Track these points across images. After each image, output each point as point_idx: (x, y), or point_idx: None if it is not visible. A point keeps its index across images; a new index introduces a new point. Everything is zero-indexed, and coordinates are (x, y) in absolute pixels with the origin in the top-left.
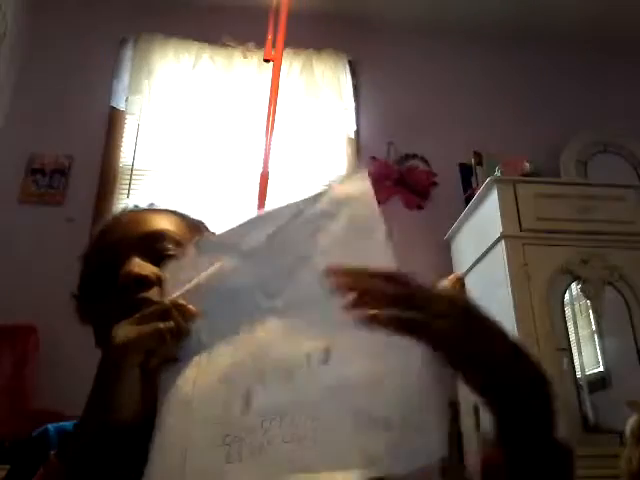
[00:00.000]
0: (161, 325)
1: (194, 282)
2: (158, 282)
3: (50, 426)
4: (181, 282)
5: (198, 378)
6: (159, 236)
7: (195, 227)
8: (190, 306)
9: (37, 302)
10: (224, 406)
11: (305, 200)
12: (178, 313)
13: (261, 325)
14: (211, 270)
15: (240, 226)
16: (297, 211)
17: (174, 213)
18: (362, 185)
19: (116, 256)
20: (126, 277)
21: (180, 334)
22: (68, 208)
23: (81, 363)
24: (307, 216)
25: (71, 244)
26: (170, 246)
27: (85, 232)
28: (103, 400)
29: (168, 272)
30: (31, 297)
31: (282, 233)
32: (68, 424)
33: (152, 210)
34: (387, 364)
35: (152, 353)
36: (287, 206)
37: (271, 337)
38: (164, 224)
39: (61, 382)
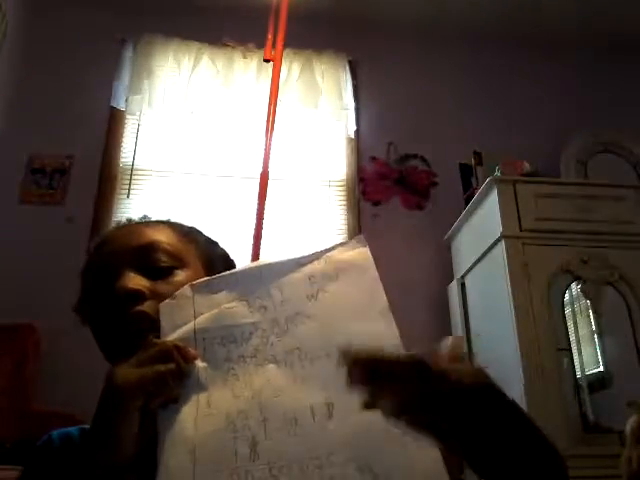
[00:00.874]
0: (162, 368)
1: (191, 325)
2: (151, 295)
3: (54, 433)
4: (178, 324)
5: (199, 420)
6: (150, 248)
7: (187, 236)
8: (190, 348)
9: (37, 302)
10: (230, 451)
11: (306, 257)
12: (178, 355)
13: (261, 371)
14: (209, 313)
15: (238, 272)
16: (297, 267)
17: (165, 224)
18: (362, 252)
19: (110, 271)
20: (119, 292)
21: (181, 376)
22: (68, 208)
23: (81, 363)
24: (308, 273)
25: (71, 244)
26: (162, 257)
27: (85, 232)
28: (105, 442)
29: (164, 314)
30: (31, 297)
31: (282, 286)
32: (73, 429)
33: (143, 223)
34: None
35: (153, 395)
36: (288, 260)
37: (272, 385)
38: (155, 236)
39: (61, 382)
